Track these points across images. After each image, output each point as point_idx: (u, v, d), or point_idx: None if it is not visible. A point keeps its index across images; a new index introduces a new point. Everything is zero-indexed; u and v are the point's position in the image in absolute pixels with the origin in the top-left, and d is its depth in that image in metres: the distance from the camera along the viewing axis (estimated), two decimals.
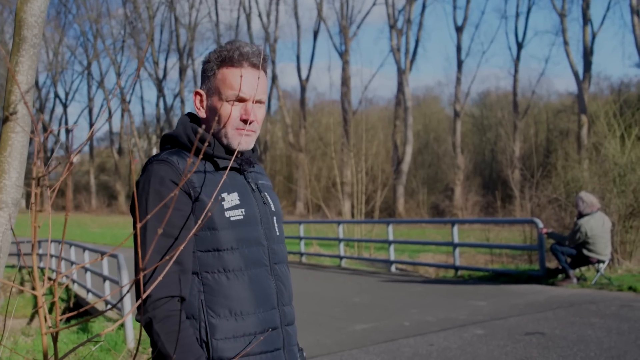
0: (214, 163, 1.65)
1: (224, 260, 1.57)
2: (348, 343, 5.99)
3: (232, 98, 1.64)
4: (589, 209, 8.32)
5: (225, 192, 1.61)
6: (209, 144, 1.64)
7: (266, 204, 1.71)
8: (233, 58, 1.64)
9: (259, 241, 1.64)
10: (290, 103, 46.27)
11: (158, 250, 1.50)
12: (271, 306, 1.64)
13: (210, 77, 1.68)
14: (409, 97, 38.53)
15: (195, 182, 1.58)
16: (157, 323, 1.48)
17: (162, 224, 1.24)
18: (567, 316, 6.41)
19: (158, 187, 1.54)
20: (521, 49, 37.86)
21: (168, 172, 1.56)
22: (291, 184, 41.01)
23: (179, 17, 47.11)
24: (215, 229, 1.57)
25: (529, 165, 32.90)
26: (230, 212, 1.59)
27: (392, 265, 12.47)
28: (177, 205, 1.55)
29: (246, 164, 1.70)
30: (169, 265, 1.38)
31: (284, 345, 1.67)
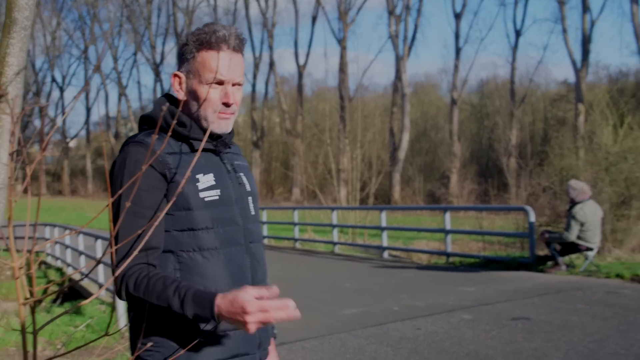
0: (190, 145, 1.68)
1: (200, 240, 1.61)
2: (337, 327, 6.07)
3: (212, 81, 1.66)
4: (581, 197, 8.37)
5: (200, 173, 1.64)
6: (186, 125, 1.67)
7: (241, 184, 1.75)
8: (211, 41, 1.66)
9: (234, 221, 1.68)
10: (288, 89, 46.20)
11: (131, 230, 1.54)
12: (246, 283, 1.67)
13: (190, 60, 1.69)
14: (407, 84, 38.48)
15: (170, 163, 1.61)
16: (132, 290, 1.53)
17: (135, 204, 1.28)
18: (554, 302, 6.50)
19: (133, 169, 1.58)
20: (519, 36, 37.76)
21: (144, 153, 1.59)
22: (288, 171, 41.05)
23: (176, 1, 46.89)
24: (190, 209, 1.60)
25: (525, 154, 33.09)
26: (204, 193, 1.63)
27: (384, 251, 12.56)
28: (150, 186, 1.58)
29: (222, 145, 1.73)
30: (141, 244, 1.42)
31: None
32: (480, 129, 42.44)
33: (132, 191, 1.53)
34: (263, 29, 43.83)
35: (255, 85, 45.18)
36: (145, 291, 1.52)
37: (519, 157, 31.25)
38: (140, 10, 47.74)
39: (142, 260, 1.56)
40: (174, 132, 1.65)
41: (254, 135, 43.88)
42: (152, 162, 1.57)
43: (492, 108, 40.37)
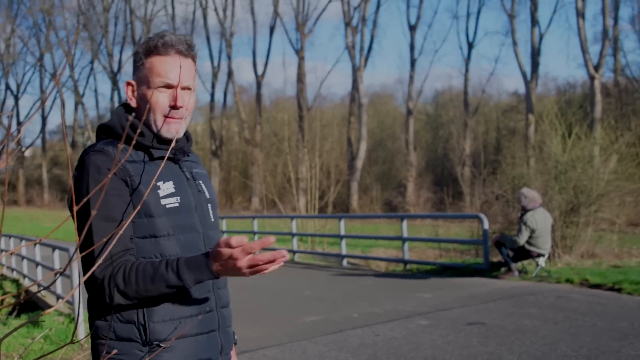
0: (149, 153, 1.71)
1: (161, 246, 1.64)
2: (297, 334, 6.13)
3: (160, 85, 1.69)
4: (532, 204, 8.68)
5: (160, 181, 1.67)
6: (143, 134, 1.70)
7: (201, 191, 1.78)
8: (158, 47, 1.70)
9: (194, 228, 1.71)
10: (247, 98, 46.12)
11: (106, 234, 1.56)
12: (206, 290, 1.71)
13: (140, 67, 1.73)
14: (364, 94, 38.93)
15: (131, 171, 1.64)
16: (121, 286, 1.55)
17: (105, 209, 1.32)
18: (507, 307, 6.72)
19: (97, 176, 1.60)
20: (472, 48, 38.71)
21: (105, 161, 1.61)
22: (247, 180, 40.89)
23: (134, 10, 46.29)
24: (151, 216, 1.63)
25: (479, 163, 33.85)
26: (165, 200, 1.66)
27: (343, 259, 12.68)
28: (117, 192, 1.61)
29: (180, 153, 1.76)
30: (110, 245, 1.43)
31: (219, 327, 1.75)
32: (436, 139, 43.26)
33: (99, 198, 1.55)
34: (221, 39, 43.67)
35: (214, 94, 44.95)
36: (137, 281, 1.54)
37: (473, 166, 31.94)
38: (97, 18, 46.97)
39: (123, 258, 1.58)
40: (131, 141, 1.66)
41: (213, 144, 43.58)
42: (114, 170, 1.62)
43: (447, 118, 41.28)
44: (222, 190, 43.93)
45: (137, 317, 1.62)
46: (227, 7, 43.48)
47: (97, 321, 1.66)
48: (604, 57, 31.89)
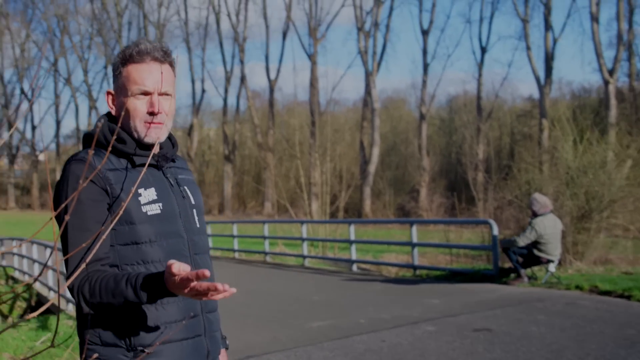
0: (131, 160, 1.73)
1: (143, 253, 1.66)
2: (303, 340, 6.13)
3: (137, 92, 1.72)
4: (543, 210, 8.64)
5: (142, 188, 1.69)
6: (125, 142, 1.72)
7: (185, 197, 1.79)
8: (133, 55, 1.73)
9: (178, 233, 1.73)
10: (259, 103, 46.33)
11: (77, 244, 1.59)
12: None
13: (117, 76, 1.76)
14: (376, 99, 38.93)
15: (111, 179, 1.66)
16: (88, 297, 1.57)
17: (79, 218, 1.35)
18: (515, 313, 6.68)
19: (75, 185, 1.62)
20: (485, 53, 38.62)
21: (83, 169, 1.64)
22: (260, 184, 41.03)
23: (147, 15, 46.71)
24: (133, 223, 1.65)
25: (492, 168, 33.68)
26: (147, 207, 1.68)
27: (353, 264, 12.67)
28: (93, 201, 1.63)
29: (163, 159, 1.78)
30: (89, 257, 1.47)
31: (205, 331, 1.76)
32: (449, 144, 43.11)
33: (75, 207, 1.59)
34: (234, 44, 43.92)
35: (227, 99, 45.20)
36: (100, 293, 1.56)
37: (486, 171, 31.78)
38: (111, 23, 47.46)
39: (93, 269, 1.60)
40: (114, 149, 1.71)
41: (226, 149, 43.78)
42: (93, 178, 1.63)
43: (460, 123, 41.08)
44: (234, 195, 44.09)
45: (122, 324, 1.64)
46: (240, 12, 43.79)
47: (83, 327, 1.69)
48: (619, 62, 31.65)
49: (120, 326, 1.63)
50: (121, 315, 1.62)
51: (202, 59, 46.75)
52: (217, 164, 47.18)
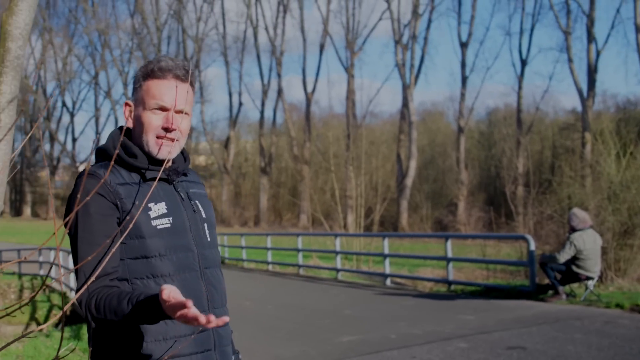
0: (142, 175, 1.73)
1: (152, 267, 1.65)
2: (332, 354, 6.05)
3: (154, 107, 1.73)
4: (582, 225, 8.38)
5: (152, 202, 1.69)
6: (136, 157, 1.73)
7: (196, 211, 1.79)
8: (155, 70, 1.74)
9: (188, 247, 1.72)
10: (296, 116, 46.55)
11: (85, 258, 1.59)
12: (201, 309, 1.70)
13: (137, 89, 1.77)
14: (414, 112, 38.69)
15: (122, 193, 1.67)
16: (94, 312, 1.57)
17: (88, 232, 1.35)
18: (551, 331, 6.46)
19: (86, 200, 1.61)
20: (525, 65, 37.97)
21: (94, 185, 1.64)
22: (296, 197, 41.14)
23: (186, 29, 47.62)
24: (142, 237, 1.65)
25: (533, 182, 32.97)
26: (156, 221, 1.67)
27: (387, 279, 12.51)
28: (102, 215, 1.64)
29: (174, 174, 1.78)
30: (97, 271, 1.47)
31: (215, 346, 1.74)
32: (488, 157, 42.43)
33: (84, 221, 1.61)
34: (271, 57, 44.38)
35: (264, 112, 45.63)
36: (105, 311, 1.56)
37: (526, 185, 31.15)
38: (150, 37, 48.52)
39: (101, 284, 1.60)
40: (126, 163, 1.71)
41: (262, 162, 44.10)
42: (103, 192, 1.64)
43: (499, 136, 40.40)
44: (270, 207, 44.30)
45: (133, 338, 1.63)
46: (278, 25, 44.28)
47: (94, 339, 1.69)
48: None
49: (130, 339, 1.63)
50: (130, 328, 1.62)
51: (239, 73, 47.38)
52: (253, 176, 47.54)
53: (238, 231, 32.44)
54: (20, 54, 3.52)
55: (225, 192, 44.84)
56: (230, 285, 1.70)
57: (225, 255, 19.64)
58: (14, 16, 3.57)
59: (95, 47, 52.09)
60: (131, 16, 49.36)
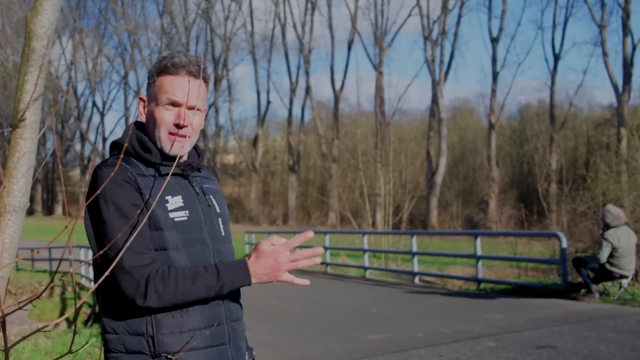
0: (158, 170, 1.74)
1: (170, 259, 1.65)
2: (358, 352, 6.00)
3: (166, 102, 1.73)
4: (616, 222, 8.17)
5: (169, 195, 1.69)
6: (151, 152, 1.74)
7: (210, 206, 1.80)
8: (169, 66, 1.74)
9: (203, 241, 1.72)
10: (324, 113, 46.49)
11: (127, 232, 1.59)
12: (216, 303, 1.71)
13: (151, 85, 1.78)
14: (443, 109, 38.32)
15: (141, 184, 1.68)
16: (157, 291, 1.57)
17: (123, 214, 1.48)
18: (583, 331, 6.29)
19: (111, 186, 1.63)
20: (558, 60, 37.27)
21: (119, 173, 1.65)
22: (324, 195, 41.12)
23: (214, 28, 47.94)
24: (160, 229, 1.65)
25: (567, 179, 32.35)
26: (174, 214, 1.68)
27: (415, 277, 12.39)
28: (132, 198, 1.65)
29: (189, 169, 1.79)
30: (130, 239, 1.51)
31: (230, 340, 1.74)
32: (520, 154, 41.78)
33: (116, 204, 1.62)
34: (299, 55, 44.41)
35: (292, 110, 45.68)
36: (177, 282, 1.58)
37: (559, 182, 30.56)
38: (179, 37, 48.97)
39: (150, 260, 1.61)
40: (142, 158, 1.73)
41: (291, 160, 44.18)
42: (127, 179, 1.65)
43: (532, 132, 39.72)
44: (299, 206, 44.33)
45: (145, 329, 1.63)
46: (306, 23, 44.24)
47: (107, 334, 1.68)
48: None
49: (146, 333, 1.63)
50: (146, 320, 1.62)
51: (267, 71, 47.60)
52: (281, 175, 47.66)
53: (266, 229, 32.59)
54: (45, 52, 3.56)
55: (254, 190, 45.03)
56: (258, 284, 1.70)
57: None
58: (38, 15, 3.62)
59: (125, 47, 52.84)
60: (160, 16, 49.92)
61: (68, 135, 54.76)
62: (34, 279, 16.62)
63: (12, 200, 3.43)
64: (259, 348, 6.22)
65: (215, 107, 47.97)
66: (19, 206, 3.48)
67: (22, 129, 3.44)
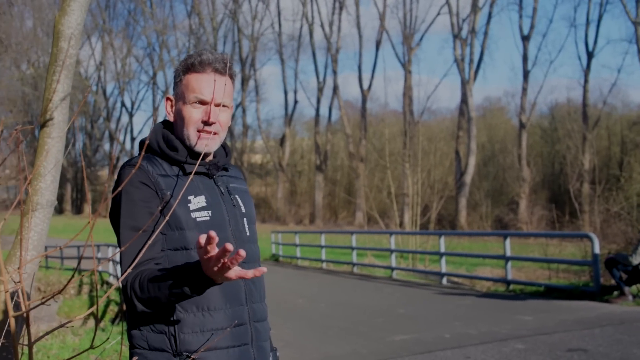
0: (183, 168, 1.73)
1: (192, 259, 1.64)
2: (384, 353, 5.95)
3: (194, 100, 1.73)
4: None
5: (192, 195, 1.69)
6: (177, 150, 1.74)
7: (235, 206, 1.79)
8: (195, 64, 1.74)
9: (227, 241, 1.70)
10: (352, 113, 46.38)
11: (131, 244, 1.60)
12: (239, 303, 1.70)
13: (178, 83, 1.79)
14: (473, 108, 37.90)
15: (162, 184, 1.67)
16: (138, 295, 1.56)
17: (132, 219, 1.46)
18: (615, 334, 6.14)
19: (128, 188, 1.65)
20: (591, 58, 36.51)
21: (137, 174, 1.66)
22: (352, 195, 41.02)
23: (241, 28, 48.18)
24: (182, 229, 1.65)
25: (600, 179, 31.68)
26: (196, 214, 1.67)
27: (443, 277, 12.27)
28: (145, 204, 1.65)
29: (214, 168, 1.78)
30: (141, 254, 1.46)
31: (252, 341, 1.73)
32: (551, 154, 41.06)
33: (128, 208, 1.63)
34: (327, 54, 44.39)
35: (319, 109, 45.68)
36: (149, 287, 1.54)
37: (592, 183, 29.95)
38: (207, 37, 49.35)
39: (146, 267, 1.61)
40: (167, 157, 1.73)
41: (318, 159, 44.17)
42: (145, 181, 1.65)
43: (564, 132, 39.00)
44: (326, 205, 44.29)
45: (168, 328, 1.64)
46: (334, 22, 44.18)
47: (132, 330, 1.69)
48: None
49: (168, 331, 1.63)
50: (169, 319, 1.63)
51: (295, 70, 47.61)
52: (308, 174, 47.65)
53: (293, 229, 32.65)
54: (73, 53, 3.59)
55: (281, 189, 45.14)
56: (283, 283, 1.70)
57: (280, 253, 19.77)
58: (66, 16, 3.66)
59: (154, 47, 53.38)
60: (188, 16, 50.37)
61: (97, 135, 55.63)
62: (63, 276, 16.94)
63: (39, 197, 3.48)
64: (284, 347, 6.21)
65: (242, 107, 48.24)
66: (46, 204, 3.53)
67: (50, 127, 3.49)
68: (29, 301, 1.42)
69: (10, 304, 1.44)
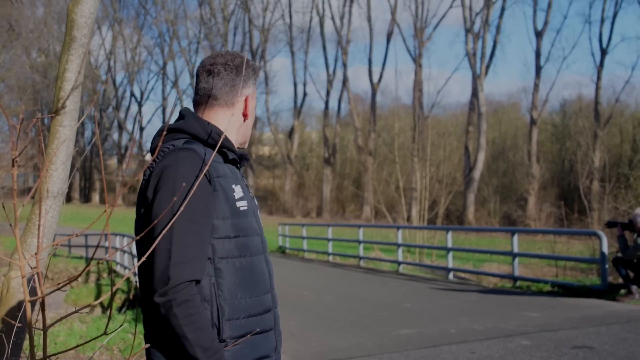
0: (224, 155, 1.75)
1: (234, 248, 1.66)
2: (389, 346, 5.98)
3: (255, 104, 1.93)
4: None
5: (234, 184, 1.72)
6: (231, 142, 1.81)
7: (253, 198, 1.84)
8: (256, 70, 1.91)
9: (256, 231, 1.76)
10: (361, 106, 46.27)
11: (185, 235, 1.56)
12: (266, 290, 1.75)
13: (252, 85, 1.93)
14: (483, 103, 37.71)
15: (213, 173, 1.66)
16: (177, 306, 1.50)
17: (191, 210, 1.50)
18: (621, 332, 6.13)
19: (187, 174, 1.60)
20: (605, 55, 36.18)
21: (194, 158, 1.63)
22: (360, 188, 40.97)
23: (252, 19, 48.10)
24: (227, 218, 1.66)
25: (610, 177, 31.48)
26: (239, 202, 1.71)
27: (450, 272, 12.27)
28: (204, 193, 1.61)
29: (244, 159, 1.84)
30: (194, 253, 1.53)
31: (275, 326, 1.78)
32: (562, 151, 40.81)
33: (186, 196, 1.55)
34: (337, 47, 44.27)
35: (329, 102, 45.61)
36: (189, 319, 1.52)
37: (602, 181, 29.77)
38: (218, 27, 49.32)
39: (199, 273, 1.57)
40: (209, 144, 1.72)
41: (326, 152, 44.13)
42: (207, 174, 1.63)
43: (575, 129, 38.74)
44: (333, 198, 44.25)
45: (211, 315, 1.61)
46: (344, 15, 44.04)
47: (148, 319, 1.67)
48: None
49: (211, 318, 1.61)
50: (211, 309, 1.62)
51: (304, 63, 47.58)
52: (317, 167, 47.59)
53: (300, 221, 32.69)
54: (85, 42, 3.61)
55: (289, 182, 45.16)
56: (290, 275, 1.73)
57: (287, 245, 19.82)
58: (79, 5, 3.68)
59: (164, 37, 53.43)
60: (199, 6, 50.31)
61: (106, 125, 55.79)
62: (70, 264, 17.05)
63: (51, 186, 3.51)
64: (289, 339, 6.25)
65: None
66: (57, 192, 3.56)
67: (62, 116, 3.51)
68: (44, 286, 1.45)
69: (26, 289, 1.47)
